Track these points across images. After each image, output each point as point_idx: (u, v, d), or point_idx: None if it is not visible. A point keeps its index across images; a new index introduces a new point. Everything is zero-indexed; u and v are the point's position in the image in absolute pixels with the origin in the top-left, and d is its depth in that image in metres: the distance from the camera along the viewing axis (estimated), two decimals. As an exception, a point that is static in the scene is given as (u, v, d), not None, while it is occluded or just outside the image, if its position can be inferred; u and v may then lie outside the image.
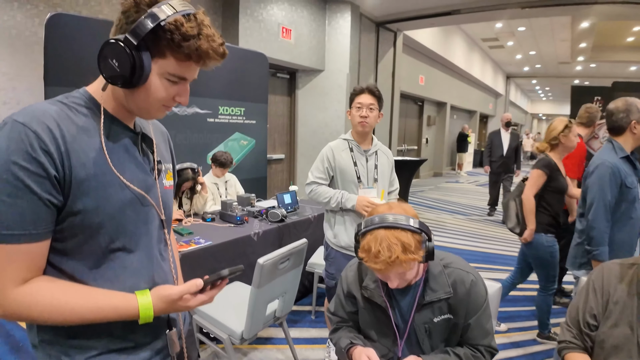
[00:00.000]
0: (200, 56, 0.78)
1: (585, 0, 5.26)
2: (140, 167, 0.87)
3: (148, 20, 0.73)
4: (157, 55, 0.77)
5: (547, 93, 25.11)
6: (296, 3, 5.37)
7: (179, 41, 0.74)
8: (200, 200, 3.05)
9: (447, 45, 10.44)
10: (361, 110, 2.02)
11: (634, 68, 13.22)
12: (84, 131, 0.78)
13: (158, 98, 0.81)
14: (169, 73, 0.79)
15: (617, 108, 2.02)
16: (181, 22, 0.74)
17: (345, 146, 2.10)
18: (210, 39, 0.77)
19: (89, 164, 0.76)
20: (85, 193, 0.75)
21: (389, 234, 1.11)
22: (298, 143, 6.24)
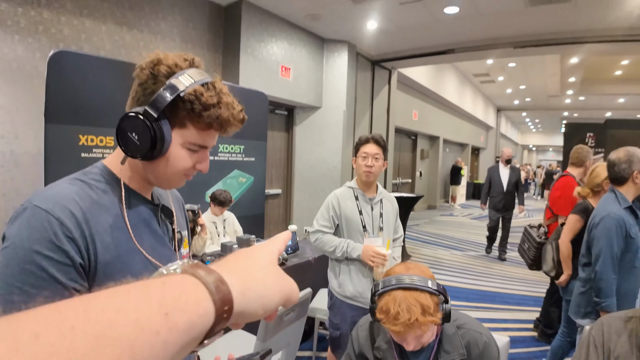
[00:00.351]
0: (221, 124, 0.78)
1: (574, 40, 5.45)
2: (159, 241, 0.86)
3: (167, 92, 0.73)
4: (178, 125, 0.77)
5: (537, 125, 25.69)
6: (295, 42, 5.52)
7: (200, 111, 0.74)
8: (199, 242, 3.00)
9: (440, 81, 10.71)
10: (367, 159, 2.04)
11: (622, 100, 13.58)
12: (106, 210, 0.76)
13: (179, 168, 0.80)
14: (190, 142, 0.78)
15: (619, 159, 2.06)
16: (201, 92, 0.74)
17: (350, 194, 2.11)
18: (230, 106, 0.78)
19: (112, 245, 0.74)
20: (110, 276, 0.73)
21: (407, 295, 1.10)
22: (295, 178, 6.25)
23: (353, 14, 5.06)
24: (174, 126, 0.77)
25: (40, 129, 2.77)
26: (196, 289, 0.33)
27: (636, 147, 2.09)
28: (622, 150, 2.09)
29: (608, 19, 4.82)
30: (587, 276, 2.12)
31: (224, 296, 0.33)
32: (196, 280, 0.33)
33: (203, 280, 0.33)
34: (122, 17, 3.91)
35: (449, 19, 5.16)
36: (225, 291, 0.34)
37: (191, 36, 4.54)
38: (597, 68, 10.64)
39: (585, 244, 2.16)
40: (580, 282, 2.19)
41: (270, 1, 4.75)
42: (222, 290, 0.34)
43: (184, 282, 0.33)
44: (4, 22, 3.15)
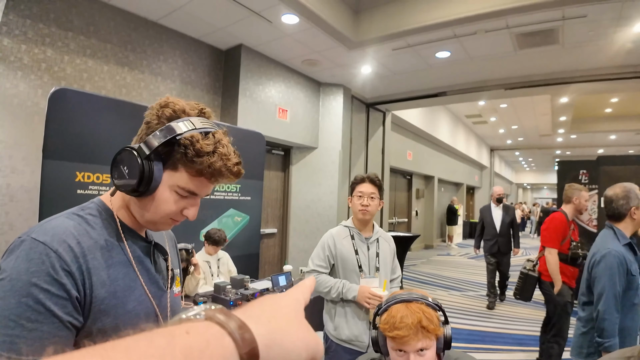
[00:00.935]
0: (212, 173, 0.78)
1: (563, 80, 5.62)
2: (152, 279, 0.86)
3: (163, 133, 0.75)
4: (170, 167, 0.77)
5: (531, 164, 26.02)
6: (292, 86, 5.68)
7: (192, 156, 0.75)
8: (192, 282, 2.96)
9: (433, 122, 10.96)
10: (362, 198, 2.05)
11: (614, 137, 13.79)
12: (103, 246, 0.77)
13: (166, 210, 0.80)
14: (179, 186, 0.78)
15: (617, 195, 2.07)
16: (197, 138, 0.75)
17: (346, 233, 2.10)
18: (225, 157, 0.78)
19: (108, 281, 0.74)
20: (105, 312, 0.73)
21: (410, 305, 1.16)
22: (291, 217, 6.24)
23: (348, 60, 5.26)
24: (167, 167, 0.78)
25: (37, 164, 2.79)
26: (222, 341, 0.29)
27: (632, 183, 2.11)
28: (618, 187, 2.10)
29: (595, 58, 4.99)
30: (588, 316, 2.08)
31: (250, 350, 0.30)
32: (222, 331, 0.30)
33: (229, 329, 0.30)
34: (124, 58, 4.04)
35: (440, 63, 5.37)
36: (252, 344, 0.31)
37: (191, 78, 4.68)
38: (587, 106, 10.90)
39: (585, 282, 2.12)
40: (581, 322, 2.15)
41: (269, 47, 4.95)
42: (248, 342, 0.30)
43: (209, 332, 0.30)
44: (7, 58, 3.24)
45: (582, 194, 3.32)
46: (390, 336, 1.13)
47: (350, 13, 4.62)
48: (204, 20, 4.25)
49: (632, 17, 3.89)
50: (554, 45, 4.63)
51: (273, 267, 6.00)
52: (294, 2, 3.80)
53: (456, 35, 4.46)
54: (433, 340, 1.15)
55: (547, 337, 3.39)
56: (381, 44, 4.70)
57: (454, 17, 4.06)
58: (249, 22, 4.26)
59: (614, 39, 4.40)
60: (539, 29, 4.25)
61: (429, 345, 1.13)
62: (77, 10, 3.67)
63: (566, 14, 3.87)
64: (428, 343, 1.13)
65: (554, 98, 9.37)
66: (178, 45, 4.55)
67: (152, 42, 4.30)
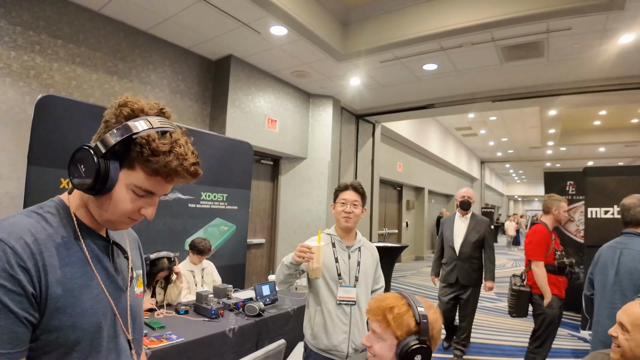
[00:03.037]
0: (168, 173, 0.78)
1: (550, 92, 5.70)
2: (111, 278, 0.85)
3: (120, 132, 0.75)
4: (127, 166, 0.77)
5: (521, 176, 26.28)
6: (282, 96, 5.72)
7: (148, 156, 0.75)
8: (174, 291, 2.94)
9: (423, 134, 11.05)
10: (345, 205, 2.06)
11: (602, 149, 13.96)
12: (60, 244, 0.77)
13: (123, 209, 0.79)
14: (136, 185, 0.78)
15: (634, 203, 2.38)
16: (154, 137, 0.76)
17: (327, 241, 2.09)
18: (182, 157, 0.78)
19: (64, 279, 0.74)
20: (60, 309, 0.73)
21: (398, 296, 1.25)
22: (279, 227, 6.22)
23: (337, 71, 5.32)
24: (124, 166, 0.78)
25: (23, 171, 2.78)
26: None
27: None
28: (634, 197, 2.41)
29: (581, 71, 5.07)
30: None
31: None
32: None
33: None
34: (113, 67, 4.05)
35: (428, 76, 5.44)
36: None
37: (180, 88, 4.70)
38: (576, 119, 11.07)
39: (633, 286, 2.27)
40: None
41: (258, 58, 4.99)
42: None
43: None
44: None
45: (561, 205, 3.35)
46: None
47: (338, 26, 4.69)
48: (193, 30, 4.29)
49: (617, 29, 3.95)
50: (540, 58, 4.72)
51: (261, 277, 5.95)
52: (283, 14, 3.85)
53: (443, 48, 4.53)
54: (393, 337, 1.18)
55: (530, 348, 3.39)
56: (369, 56, 4.77)
57: (440, 30, 4.14)
58: (239, 33, 4.30)
59: (599, 51, 4.47)
60: (524, 42, 4.32)
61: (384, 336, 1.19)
62: (68, 18, 3.69)
63: (550, 26, 3.95)
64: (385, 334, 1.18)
65: (542, 111, 9.53)
66: (168, 55, 4.57)
67: (142, 51, 4.32)
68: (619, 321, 1.48)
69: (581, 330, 4.95)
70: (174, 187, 3.51)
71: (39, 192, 2.70)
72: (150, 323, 2.42)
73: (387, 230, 10.82)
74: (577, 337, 4.86)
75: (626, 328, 1.44)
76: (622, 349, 1.44)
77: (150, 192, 0.81)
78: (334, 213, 2.13)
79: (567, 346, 4.51)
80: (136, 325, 0.93)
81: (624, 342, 1.43)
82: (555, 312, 3.21)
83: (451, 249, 4.01)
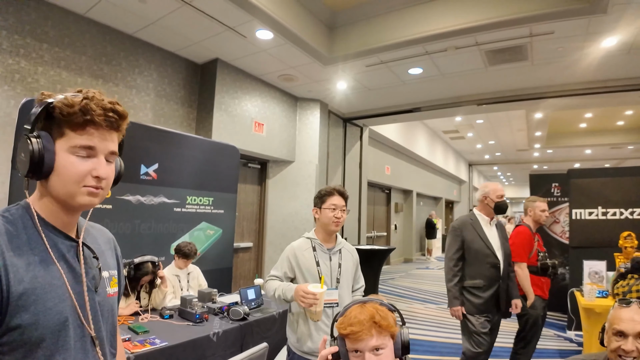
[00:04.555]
0: (92, 119, 0.81)
1: (535, 95, 5.78)
2: (77, 278, 0.86)
3: (38, 106, 0.80)
4: (58, 136, 0.81)
5: (509, 178, 26.52)
6: (269, 100, 5.73)
7: (67, 110, 0.79)
8: (159, 295, 2.92)
9: (411, 138, 11.14)
10: (336, 211, 2.07)
11: (589, 151, 14.14)
12: (24, 244, 0.78)
13: (73, 174, 0.81)
14: (71, 146, 0.81)
15: None
16: (67, 97, 0.80)
17: (307, 245, 2.11)
18: (97, 99, 0.82)
19: (27, 278, 0.75)
20: (23, 308, 0.74)
21: (365, 305, 1.18)
22: (267, 231, 6.21)
23: (323, 75, 5.35)
24: (56, 138, 0.81)
25: (7, 176, 2.76)
26: None
27: None
28: None
29: (565, 74, 5.15)
30: None
31: None
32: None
33: None
34: (98, 71, 4.03)
35: (413, 80, 5.50)
36: None
37: (166, 91, 4.68)
38: (562, 122, 11.22)
39: None
40: None
41: (245, 61, 5.00)
42: None
43: None
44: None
45: (535, 205, 3.41)
46: (345, 334, 1.14)
47: (324, 30, 4.72)
48: (179, 34, 4.28)
49: (600, 32, 4.01)
50: (524, 61, 4.79)
51: (248, 281, 5.94)
52: (268, 18, 3.87)
53: (427, 52, 4.59)
54: (389, 339, 1.16)
55: (515, 349, 3.43)
56: (355, 60, 4.81)
57: (424, 35, 4.19)
58: (224, 37, 4.31)
59: (583, 54, 4.54)
60: (507, 46, 4.39)
61: (384, 344, 1.13)
62: (53, 22, 3.67)
63: (533, 30, 4.01)
64: (383, 342, 1.13)
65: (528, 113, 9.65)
66: (153, 59, 4.56)
67: (128, 54, 4.30)
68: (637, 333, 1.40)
69: (567, 331, 5.01)
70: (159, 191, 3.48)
71: (23, 196, 2.65)
72: (134, 327, 2.41)
73: (375, 233, 10.86)
74: (563, 337, 4.91)
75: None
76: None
77: (90, 147, 0.82)
78: (320, 217, 2.13)
79: (553, 346, 4.56)
80: (108, 325, 0.93)
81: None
82: (538, 312, 3.26)
83: (493, 268, 2.89)
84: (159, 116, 4.55)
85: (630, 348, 1.39)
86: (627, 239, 3.94)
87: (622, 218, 4.68)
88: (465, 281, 2.93)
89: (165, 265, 3.29)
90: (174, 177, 3.79)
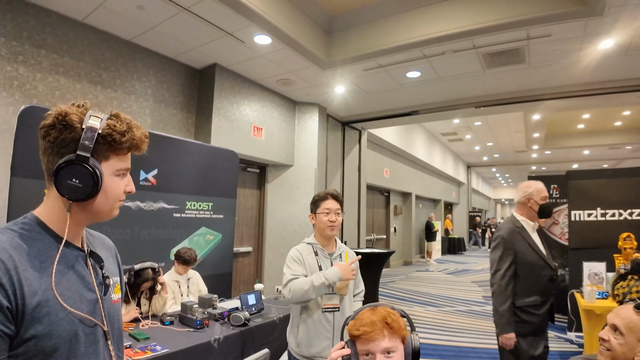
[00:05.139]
0: (137, 145, 0.89)
1: (533, 97, 5.80)
2: (87, 287, 0.89)
3: (89, 133, 0.82)
4: (103, 159, 0.86)
5: (508, 179, 26.58)
6: (267, 104, 5.74)
7: (120, 139, 0.85)
8: (159, 301, 2.92)
9: (409, 140, 11.17)
10: (330, 214, 2.09)
11: (587, 152, 14.17)
12: (36, 257, 0.80)
13: (116, 194, 0.90)
14: (117, 170, 0.88)
15: None
16: (113, 124, 0.85)
17: (309, 250, 2.12)
18: (137, 127, 0.90)
19: (40, 291, 0.78)
20: (37, 320, 0.76)
21: (377, 308, 1.20)
22: (266, 235, 6.21)
23: (322, 79, 5.36)
24: (101, 161, 0.86)
25: (6, 184, 2.75)
26: None
27: None
28: None
29: (562, 76, 5.17)
30: None
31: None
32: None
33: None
34: (97, 77, 4.03)
35: (411, 83, 5.52)
36: None
37: (165, 97, 4.69)
38: (559, 123, 11.27)
39: None
40: None
41: (243, 66, 5.01)
42: None
43: None
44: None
45: None
46: (357, 335, 1.14)
47: (322, 34, 4.74)
48: (177, 39, 4.29)
49: (596, 34, 4.03)
50: (521, 64, 4.82)
51: (248, 286, 5.93)
52: (266, 23, 3.88)
53: (425, 56, 4.61)
54: (399, 343, 1.16)
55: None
56: (353, 64, 4.82)
57: (422, 38, 4.21)
58: (223, 42, 4.32)
59: (580, 56, 4.56)
60: (505, 49, 4.41)
61: (395, 347, 1.14)
62: (51, 28, 3.67)
63: (531, 33, 4.03)
64: (395, 344, 1.14)
65: (526, 115, 9.70)
66: (152, 64, 4.57)
67: (126, 60, 4.31)
68: (612, 324, 1.46)
69: (567, 332, 5.01)
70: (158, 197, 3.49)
71: (23, 204, 2.68)
72: (135, 334, 2.40)
73: (375, 236, 10.86)
74: (564, 338, 4.92)
75: (620, 331, 1.42)
76: (614, 353, 1.42)
77: (127, 168, 0.92)
78: (316, 222, 2.15)
79: (554, 348, 4.56)
80: (114, 330, 0.97)
81: (617, 346, 1.42)
82: None
83: (550, 281, 2.49)
84: (157, 122, 4.55)
85: (602, 334, 1.47)
86: (627, 240, 3.95)
87: (621, 219, 4.68)
88: (517, 300, 2.43)
89: (165, 271, 3.29)
90: (173, 183, 3.79)
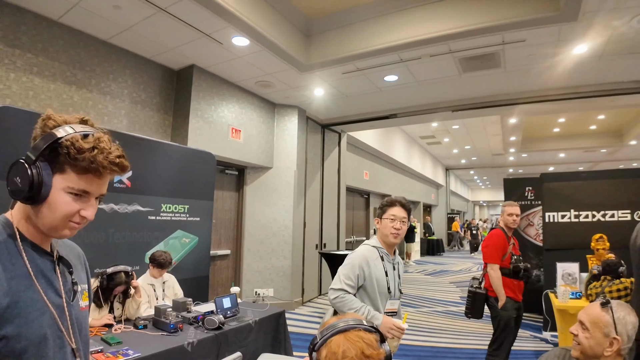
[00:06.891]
0: (96, 168, 0.83)
1: (509, 101, 5.92)
2: (55, 292, 0.89)
3: (45, 139, 0.81)
4: (58, 171, 0.83)
5: (485, 182, 27.12)
6: (246, 106, 5.72)
7: (74, 154, 0.81)
8: (133, 305, 2.87)
9: (388, 143, 11.28)
10: (395, 222, 2.08)
11: (562, 155, 14.54)
12: (5, 259, 0.80)
13: (62, 212, 0.84)
14: (70, 187, 0.84)
15: None
16: (77, 138, 0.82)
17: (376, 254, 2.09)
18: (106, 151, 0.84)
19: (10, 293, 0.78)
20: (7, 320, 0.76)
21: (347, 334, 1.08)
22: (245, 238, 6.17)
23: (300, 82, 5.38)
24: (56, 172, 0.83)
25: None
26: None
27: None
28: None
29: (538, 81, 5.28)
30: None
31: None
32: None
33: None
34: (71, 77, 3.95)
35: (389, 87, 5.59)
36: None
37: (141, 98, 4.62)
38: (536, 127, 11.54)
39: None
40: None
41: (221, 68, 4.98)
42: None
43: None
44: (-50, 75, 3.11)
45: (504, 209, 3.52)
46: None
47: (301, 37, 4.76)
48: (154, 40, 4.24)
49: (571, 40, 4.12)
50: (497, 68, 4.92)
51: (226, 289, 5.87)
52: (244, 25, 3.88)
53: (402, 60, 4.68)
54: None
55: (489, 351, 3.50)
56: (331, 67, 4.86)
57: (398, 42, 4.27)
58: (201, 44, 4.29)
59: (555, 61, 4.67)
60: (480, 53, 4.50)
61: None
62: (26, 27, 3.59)
63: (506, 38, 4.12)
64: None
65: (503, 119, 9.92)
66: (128, 65, 4.50)
67: (102, 60, 4.23)
68: (580, 320, 1.56)
69: (543, 332, 5.11)
70: (133, 199, 3.43)
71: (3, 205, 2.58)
72: (107, 339, 2.36)
73: (355, 238, 10.92)
74: (539, 338, 5.01)
75: (586, 327, 1.52)
76: (582, 347, 1.53)
77: (85, 191, 0.86)
78: (380, 228, 2.14)
79: (530, 347, 4.65)
80: (81, 337, 0.96)
81: (584, 340, 1.51)
82: (509, 314, 3.33)
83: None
84: (133, 122, 4.48)
85: (572, 329, 1.58)
86: (599, 241, 4.06)
87: (594, 220, 4.81)
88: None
89: (140, 275, 3.24)
90: (148, 185, 3.74)
